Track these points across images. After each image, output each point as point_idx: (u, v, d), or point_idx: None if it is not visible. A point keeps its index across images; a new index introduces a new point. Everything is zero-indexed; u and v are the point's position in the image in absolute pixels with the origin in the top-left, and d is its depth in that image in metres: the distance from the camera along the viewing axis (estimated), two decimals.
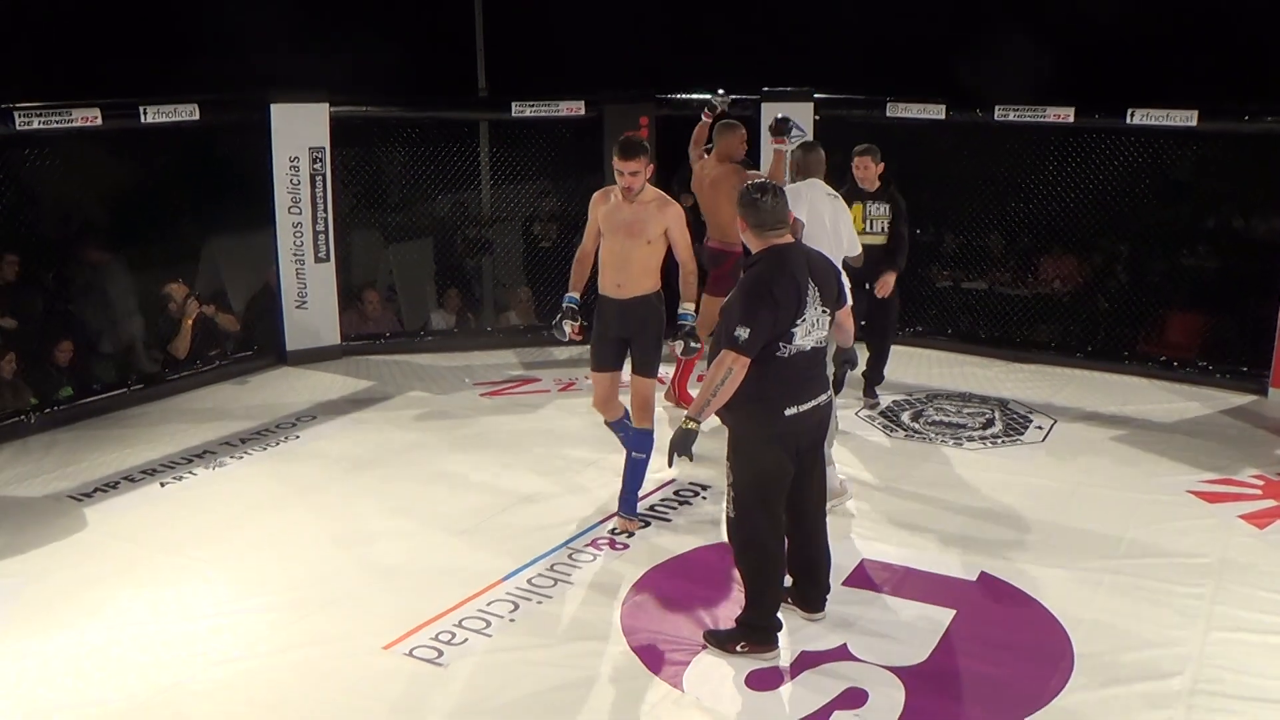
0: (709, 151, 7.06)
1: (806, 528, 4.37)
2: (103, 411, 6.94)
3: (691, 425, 4.08)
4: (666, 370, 6.39)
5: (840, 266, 4.80)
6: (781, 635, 4.28)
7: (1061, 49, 9.69)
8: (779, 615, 4.29)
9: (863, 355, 6.64)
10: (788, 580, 4.45)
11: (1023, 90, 8.25)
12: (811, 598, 4.48)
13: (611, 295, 5.20)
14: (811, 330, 4.09)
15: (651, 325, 5.20)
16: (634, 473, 5.34)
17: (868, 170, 6.82)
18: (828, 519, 4.51)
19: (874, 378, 7.19)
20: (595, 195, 5.30)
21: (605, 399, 5.36)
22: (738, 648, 4.23)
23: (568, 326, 5.21)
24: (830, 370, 4.59)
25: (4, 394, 6.70)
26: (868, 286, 6.61)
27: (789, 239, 4.18)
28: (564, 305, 5.28)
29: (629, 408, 5.33)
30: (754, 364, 4.01)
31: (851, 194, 6.76)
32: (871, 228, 6.83)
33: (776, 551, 4.26)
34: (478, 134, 8.97)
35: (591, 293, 5.36)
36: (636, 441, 5.31)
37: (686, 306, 5.18)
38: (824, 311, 4.13)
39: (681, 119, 8.75)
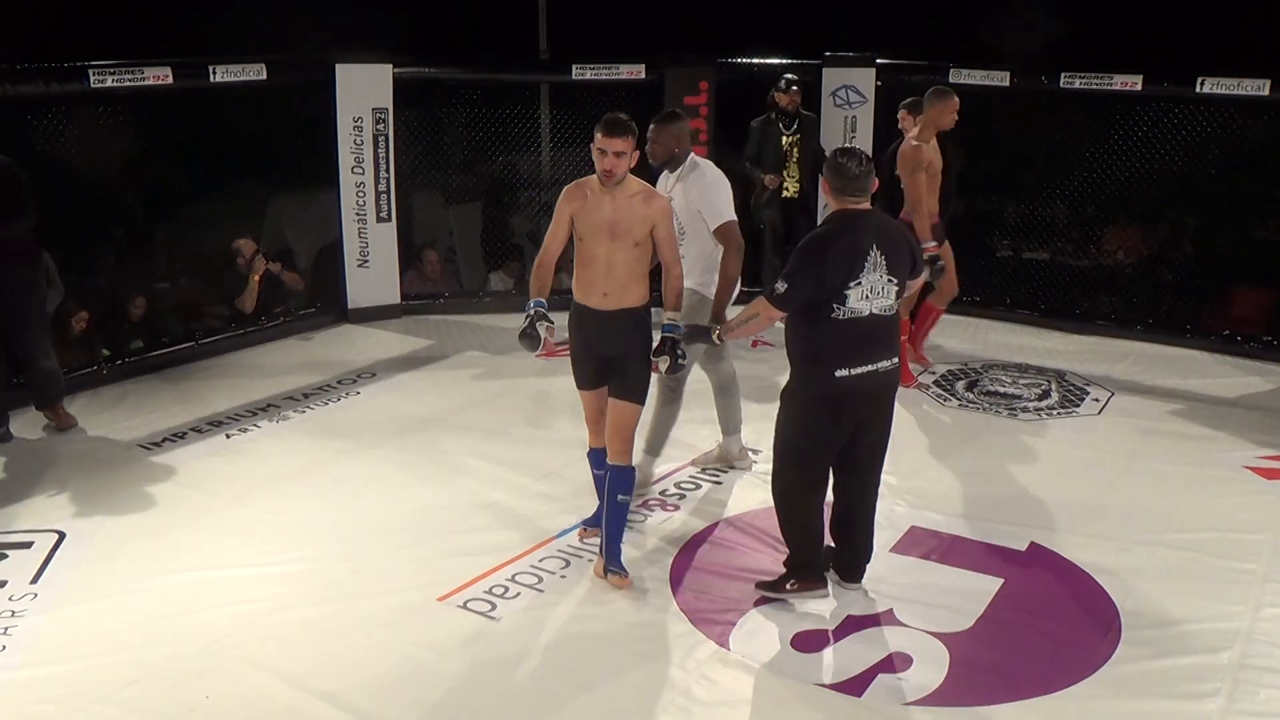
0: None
1: (850, 494, 4.40)
2: (171, 364, 7.14)
3: (715, 339, 4.61)
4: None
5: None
6: (828, 600, 4.35)
7: (1130, 15, 9.48)
8: (827, 571, 4.44)
9: None
10: (831, 541, 4.51)
11: (1088, 56, 8.11)
12: (848, 564, 4.49)
13: (594, 306, 4.43)
14: (870, 296, 4.08)
15: (640, 343, 4.42)
16: (617, 519, 4.53)
17: (906, 121, 7.11)
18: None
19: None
20: (567, 189, 4.45)
21: (600, 416, 4.60)
22: (788, 586, 4.36)
23: (542, 330, 4.32)
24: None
25: (75, 348, 6.91)
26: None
27: (865, 207, 4.18)
28: (531, 310, 4.37)
29: (607, 440, 4.54)
30: (809, 323, 4.13)
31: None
32: None
33: (806, 506, 4.33)
34: (538, 96, 9.02)
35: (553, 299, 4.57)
36: (617, 481, 4.49)
37: (672, 316, 4.41)
38: (890, 281, 4.12)
39: (742, 83, 8.74)
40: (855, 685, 3.88)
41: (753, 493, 5.37)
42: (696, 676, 3.93)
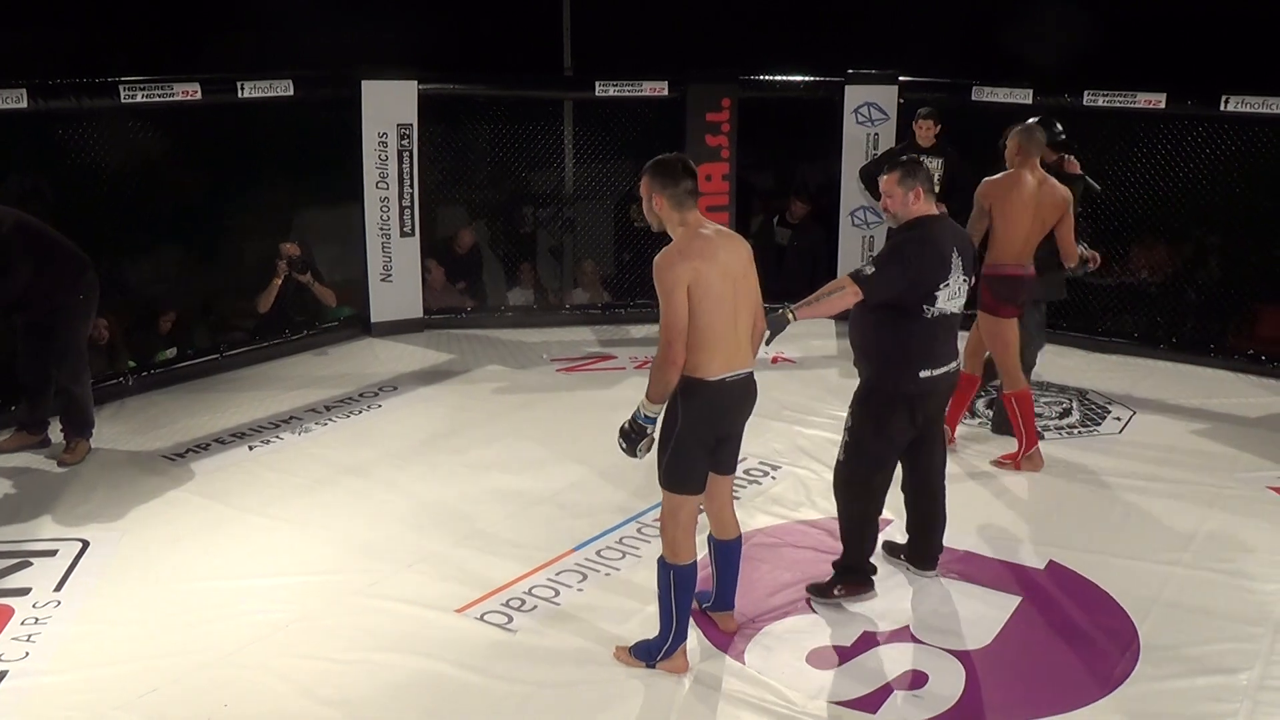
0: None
1: (929, 490, 4.62)
2: (196, 376, 7.21)
3: (790, 316, 4.18)
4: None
5: None
6: (846, 614, 4.35)
7: (1154, 32, 9.47)
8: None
9: None
10: (903, 539, 4.74)
11: (1111, 74, 8.09)
12: (924, 555, 4.72)
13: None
14: (954, 297, 4.28)
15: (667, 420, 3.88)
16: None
17: (922, 130, 7.70)
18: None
19: None
20: None
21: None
22: (835, 590, 4.48)
23: None
24: None
25: (103, 359, 7.00)
26: None
27: (941, 211, 4.44)
28: None
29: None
30: (899, 323, 4.24)
31: (908, 149, 7.58)
32: None
33: (872, 507, 4.48)
34: (562, 112, 9.08)
35: None
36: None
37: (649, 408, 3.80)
38: (965, 279, 4.32)
39: (765, 100, 8.77)
40: (870, 702, 3.87)
41: (767, 510, 5.38)
42: (711, 691, 3.93)
